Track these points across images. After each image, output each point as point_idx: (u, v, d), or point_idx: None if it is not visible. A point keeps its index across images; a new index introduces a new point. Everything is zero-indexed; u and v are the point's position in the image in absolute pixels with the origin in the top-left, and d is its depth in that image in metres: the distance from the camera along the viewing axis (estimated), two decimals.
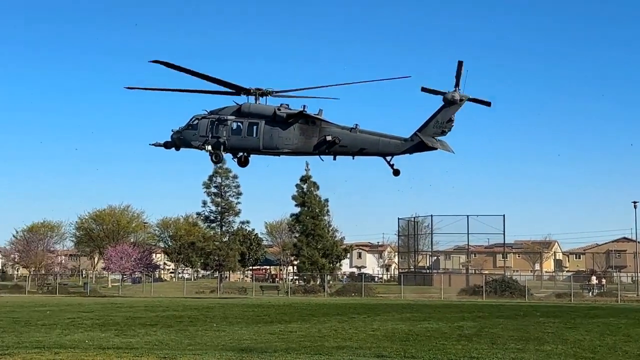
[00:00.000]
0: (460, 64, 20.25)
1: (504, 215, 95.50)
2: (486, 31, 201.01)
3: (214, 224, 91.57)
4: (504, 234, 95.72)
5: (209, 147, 22.33)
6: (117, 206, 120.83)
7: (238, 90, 22.31)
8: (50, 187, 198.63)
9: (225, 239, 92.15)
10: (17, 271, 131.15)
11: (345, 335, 30.40)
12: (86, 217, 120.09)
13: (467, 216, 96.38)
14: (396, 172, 22.84)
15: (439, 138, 20.97)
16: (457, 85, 20.53)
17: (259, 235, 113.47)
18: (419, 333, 31.59)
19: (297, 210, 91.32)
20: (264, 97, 22.40)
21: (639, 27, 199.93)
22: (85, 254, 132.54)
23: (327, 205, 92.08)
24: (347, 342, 27.82)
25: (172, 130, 23.39)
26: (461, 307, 54.59)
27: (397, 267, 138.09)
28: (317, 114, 21.76)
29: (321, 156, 22.50)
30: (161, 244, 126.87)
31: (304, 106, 21.97)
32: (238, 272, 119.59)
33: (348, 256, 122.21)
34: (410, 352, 24.83)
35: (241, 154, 23.50)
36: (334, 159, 23.01)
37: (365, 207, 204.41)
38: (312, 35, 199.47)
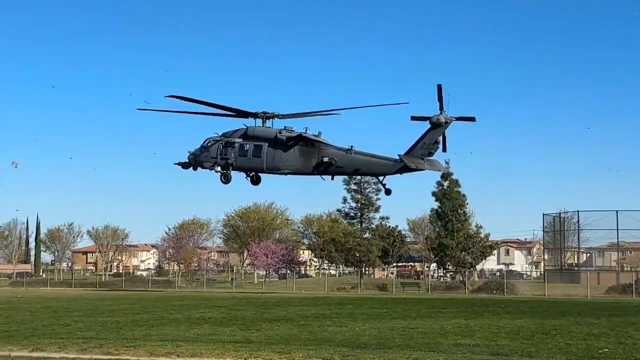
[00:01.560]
0: (439, 87, 20.90)
1: None
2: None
3: (354, 220, 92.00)
4: None
5: (219, 168, 23.59)
6: (262, 204, 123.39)
7: (246, 114, 23.26)
8: (199, 185, 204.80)
9: (366, 235, 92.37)
10: (173, 267, 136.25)
11: (466, 333, 29.88)
12: (232, 215, 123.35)
13: (617, 211, 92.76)
14: (388, 192, 23.77)
15: (428, 158, 21.47)
16: (441, 108, 20.95)
17: (402, 232, 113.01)
18: (545, 331, 30.65)
19: (437, 206, 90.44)
20: (270, 120, 23.42)
21: None
22: (234, 250, 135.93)
23: (467, 202, 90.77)
24: (466, 340, 27.33)
25: (188, 152, 24.61)
26: (603, 305, 52.51)
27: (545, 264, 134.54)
28: (317, 136, 22.50)
29: (322, 176, 23.28)
30: (305, 241, 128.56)
31: (306, 128, 22.83)
32: (382, 269, 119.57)
33: (494, 253, 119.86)
34: (529, 351, 24.12)
35: (252, 173, 24.48)
36: (332, 179, 23.87)
37: (514, 203, 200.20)
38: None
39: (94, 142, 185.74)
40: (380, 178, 23.02)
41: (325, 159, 22.52)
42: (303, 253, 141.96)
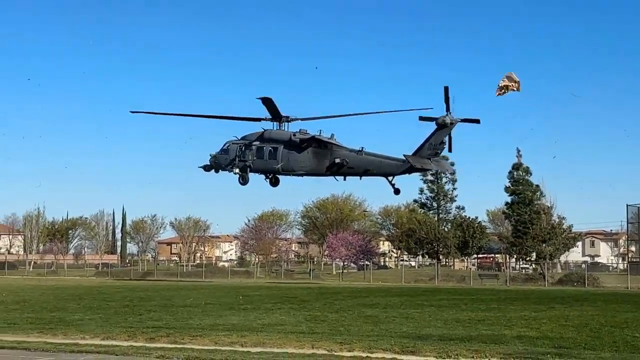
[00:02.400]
0: (446, 89, 21.30)
1: None
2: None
3: (430, 211, 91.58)
4: None
5: (237, 170, 24.23)
6: (340, 195, 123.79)
7: (261, 120, 24.13)
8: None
9: (443, 226, 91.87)
10: (254, 258, 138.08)
11: (533, 325, 29.60)
12: (311, 206, 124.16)
13: None
14: (397, 192, 24.18)
15: (436, 159, 21.94)
16: (447, 109, 21.37)
17: (482, 223, 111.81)
18: (615, 324, 30.12)
19: (511, 199, 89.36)
20: (286, 123, 23.97)
21: None
22: (313, 241, 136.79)
23: (544, 193, 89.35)
24: (531, 332, 27.10)
25: (210, 155, 25.34)
26: None
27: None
28: (330, 138, 22.88)
29: (335, 176, 23.91)
30: (384, 232, 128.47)
31: (320, 131, 23.36)
32: (461, 260, 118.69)
33: (578, 245, 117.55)
34: (593, 344, 23.78)
35: (270, 175, 25.31)
36: (344, 179, 24.39)
37: (601, 193, 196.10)
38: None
39: (176, 136, 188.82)
40: (390, 178, 23.44)
41: (337, 160, 23.24)
42: (383, 244, 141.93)
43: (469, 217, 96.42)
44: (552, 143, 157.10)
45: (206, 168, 26.11)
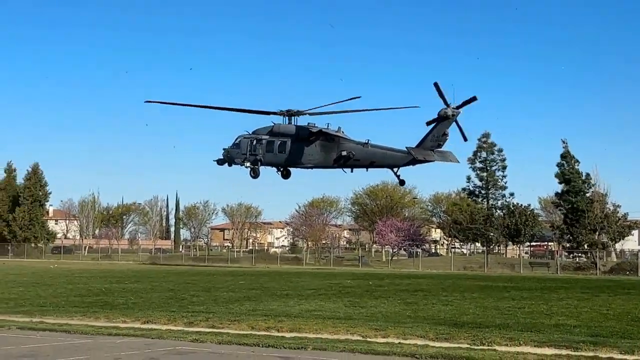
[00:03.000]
0: (436, 85, 21.79)
1: None
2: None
3: (479, 199, 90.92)
4: None
5: (248, 164, 24.42)
6: (390, 182, 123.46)
7: (271, 113, 23.98)
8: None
9: (493, 213, 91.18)
10: (304, 244, 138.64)
11: (573, 314, 29.28)
12: (361, 193, 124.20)
13: None
14: (402, 182, 25.02)
15: (440, 150, 22.23)
16: (445, 102, 21.66)
17: (534, 211, 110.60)
18: None
19: (561, 188, 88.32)
20: (294, 117, 23.93)
21: None
22: (364, 228, 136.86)
23: (596, 181, 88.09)
24: (570, 320, 26.82)
25: (223, 149, 25.37)
26: None
27: None
28: (337, 132, 22.96)
29: (343, 169, 24.28)
30: (435, 219, 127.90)
31: (328, 124, 23.89)
32: (513, 248, 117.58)
33: (633, 233, 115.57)
34: (630, 333, 23.44)
35: (281, 168, 25.21)
36: (351, 171, 24.89)
37: None
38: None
39: (227, 125, 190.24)
40: (395, 169, 23.84)
41: (344, 153, 23.66)
42: (435, 231, 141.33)
43: (521, 205, 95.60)
44: (607, 129, 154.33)
45: (219, 162, 26.60)
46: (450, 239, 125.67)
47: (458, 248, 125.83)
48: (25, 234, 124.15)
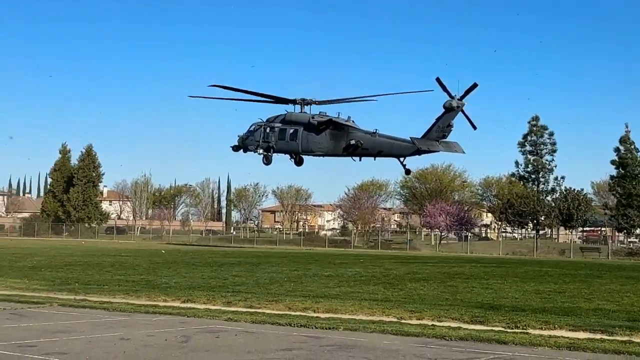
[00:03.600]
0: (438, 80, 22.12)
1: None
2: None
3: (529, 183, 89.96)
4: None
5: (261, 151, 24.76)
6: (440, 165, 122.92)
7: (285, 101, 24.19)
8: None
9: (543, 198, 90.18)
10: (353, 227, 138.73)
11: (615, 298, 28.97)
12: (410, 176, 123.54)
13: None
14: (407, 172, 25.80)
15: (445, 140, 22.69)
16: (449, 95, 22.10)
17: (587, 196, 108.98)
18: None
19: (617, 173, 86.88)
20: (308, 106, 24.17)
21: None
22: (414, 211, 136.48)
23: None
24: (610, 305, 26.53)
25: (238, 136, 25.66)
26: None
27: None
28: (346, 121, 23.17)
29: (352, 157, 23.99)
30: (485, 203, 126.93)
31: (339, 113, 23.97)
32: (565, 233, 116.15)
33: None
34: None
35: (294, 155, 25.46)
36: (360, 159, 25.61)
37: None
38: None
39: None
40: (401, 159, 24.42)
41: (353, 142, 24.07)
42: (487, 216, 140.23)
43: (574, 189, 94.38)
44: None
45: (234, 148, 27.15)
46: (500, 223, 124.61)
47: (509, 233, 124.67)
48: (79, 214, 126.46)
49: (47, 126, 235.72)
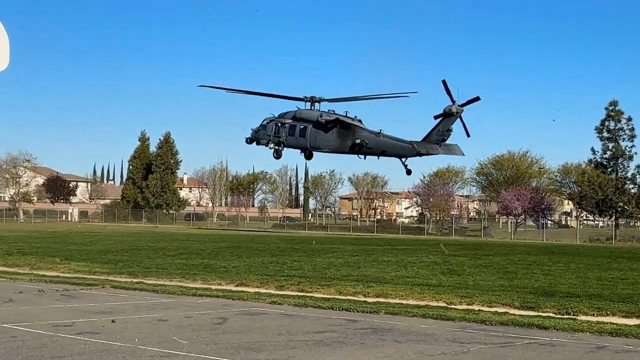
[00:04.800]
0: (444, 82, 22.63)
1: None
2: None
3: (608, 169, 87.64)
4: None
5: (272, 145, 25.44)
6: (516, 152, 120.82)
7: (295, 99, 24.66)
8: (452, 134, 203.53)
9: (623, 184, 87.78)
10: (430, 214, 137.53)
11: None
12: (486, 163, 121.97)
13: None
14: (408, 172, 26.88)
15: (446, 143, 23.65)
16: (451, 100, 22.87)
17: None
18: None
19: None
20: (318, 104, 24.64)
21: None
22: (491, 198, 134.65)
23: None
24: None
25: (251, 129, 26.12)
26: None
27: None
28: (353, 120, 23.49)
29: (358, 155, 24.44)
30: (565, 190, 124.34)
31: (346, 112, 24.47)
32: None
33: None
34: None
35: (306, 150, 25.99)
36: (364, 158, 26.93)
37: None
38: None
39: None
40: (403, 160, 25.49)
41: (358, 141, 24.82)
42: (567, 203, 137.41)
43: None
44: None
45: (248, 141, 28.09)
46: (579, 210, 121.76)
47: (591, 220, 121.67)
48: (158, 200, 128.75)
49: (130, 114, 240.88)
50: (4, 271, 31.19)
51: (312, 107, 25.77)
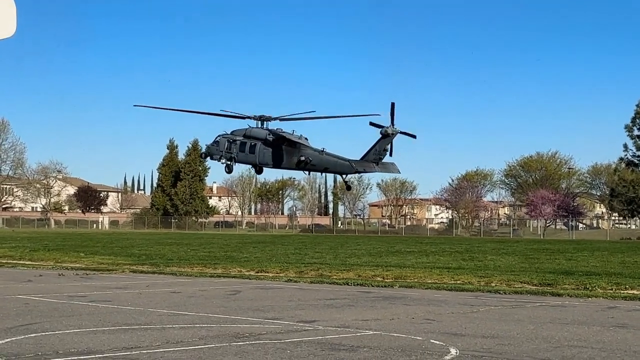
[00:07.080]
0: (392, 105, 23.99)
1: None
2: None
3: (639, 168, 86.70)
4: None
5: (224, 160, 27.04)
6: (545, 153, 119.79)
7: (244, 117, 27.14)
8: (481, 136, 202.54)
9: None
10: (458, 217, 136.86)
11: None
12: (514, 165, 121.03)
13: None
14: (348, 188, 27.70)
15: (382, 162, 24.94)
16: (392, 122, 24.01)
17: None
18: None
19: None
20: (266, 122, 26.91)
21: None
22: (522, 202, 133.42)
23: None
24: None
25: (205, 145, 29.09)
26: None
27: None
28: (299, 138, 25.98)
29: (303, 171, 27.13)
30: (595, 192, 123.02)
31: (293, 131, 26.59)
32: None
33: None
34: None
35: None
36: (309, 174, 28.89)
37: None
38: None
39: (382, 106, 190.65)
40: (344, 176, 26.79)
41: (302, 158, 26.64)
42: (599, 206, 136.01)
43: None
44: None
45: (203, 155, 30.35)
46: (611, 212, 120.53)
47: (624, 224, 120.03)
48: (187, 207, 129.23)
49: (161, 124, 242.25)
50: (28, 264, 31.53)
51: (263, 125, 27.76)
